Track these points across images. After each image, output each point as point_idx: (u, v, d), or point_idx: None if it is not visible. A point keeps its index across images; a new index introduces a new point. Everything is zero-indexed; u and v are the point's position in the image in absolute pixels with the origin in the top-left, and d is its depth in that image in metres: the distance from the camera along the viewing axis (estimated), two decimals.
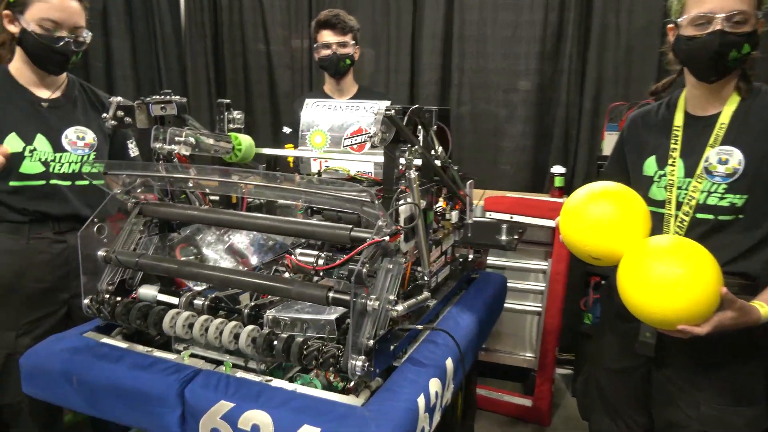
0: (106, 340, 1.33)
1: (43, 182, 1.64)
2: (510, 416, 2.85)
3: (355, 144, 1.64)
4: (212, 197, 1.59)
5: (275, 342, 1.13)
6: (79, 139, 1.70)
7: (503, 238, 2.09)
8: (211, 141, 1.48)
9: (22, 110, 1.64)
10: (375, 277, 1.12)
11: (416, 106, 1.24)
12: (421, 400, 1.14)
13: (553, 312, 2.74)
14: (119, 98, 1.33)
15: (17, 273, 1.63)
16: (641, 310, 1.20)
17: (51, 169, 1.65)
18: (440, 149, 1.40)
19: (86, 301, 1.33)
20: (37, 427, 1.66)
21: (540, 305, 2.80)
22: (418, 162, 1.48)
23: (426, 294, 1.39)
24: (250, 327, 1.18)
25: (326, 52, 2.49)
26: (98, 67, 3.38)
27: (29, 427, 1.66)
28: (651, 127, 1.53)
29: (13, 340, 1.61)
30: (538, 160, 3.35)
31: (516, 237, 2.09)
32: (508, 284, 2.79)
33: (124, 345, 1.30)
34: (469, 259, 1.85)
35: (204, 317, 1.22)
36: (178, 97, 1.38)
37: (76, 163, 1.68)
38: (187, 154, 1.41)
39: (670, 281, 1.14)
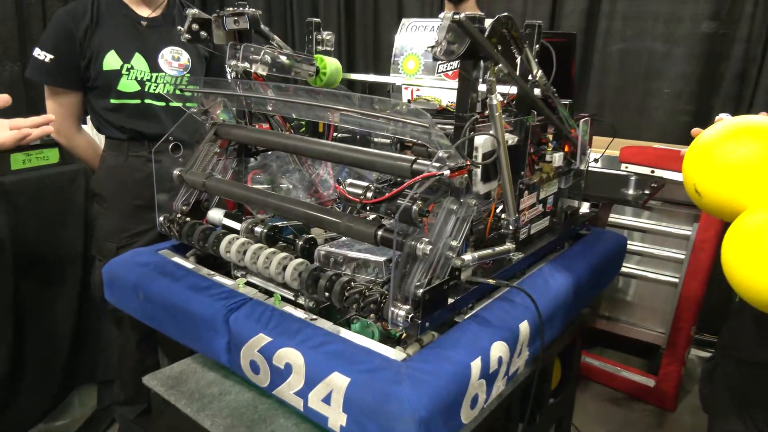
0: (176, 259, 1.34)
1: (138, 101, 1.69)
2: (627, 394, 2.55)
3: (450, 70, 1.44)
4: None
5: (321, 279, 1.04)
6: (174, 59, 1.72)
7: (630, 192, 1.78)
8: (290, 62, 1.38)
9: (122, 28, 1.68)
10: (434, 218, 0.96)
11: (505, 14, 1.01)
12: (476, 364, 0.98)
13: (693, 285, 2.34)
14: (195, 10, 1.28)
15: (118, 188, 1.72)
16: (747, 286, 0.86)
17: (146, 89, 1.69)
18: (539, 74, 1.15)
19: (160, 218, 1.35)
20: (138, 332, 1.79)
21: (678, 276, 2.40)
22: (511, 90, 1.25)
23: (508, 245, 1.20)
24: (298, 260, 1.09)
25: None
26: None
27: (130, 331, 1.79)
28: None
29: (114, 251, 1.72)
30: (700, 108, 2.82)
31: (647, 192, 1.77)
32: (642, 248, 2.45)
33: (190, 266, 1.30)
34: (580, 213, 1.58)
35: (257, 245, 1.16)
36: (252, 9, 1.29)
37: (170, 84, 1.70)
38: (264, 74, 1.33)
39: None
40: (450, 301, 1.04)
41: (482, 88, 1.05)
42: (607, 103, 3.01)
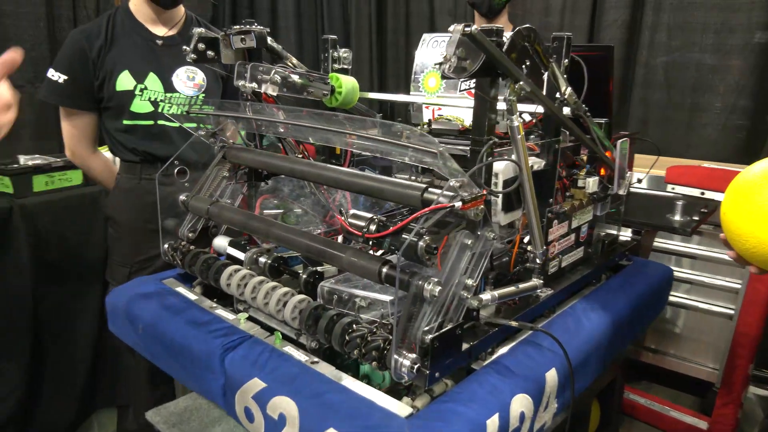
0: (180, 289, 1.27)
1: (151, 122, 1.64)
2: None
3: (473, 88, 1.33)
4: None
5: (321, 319, 0.94)
6: (189, 79, 1.67)
7: (677, 218, 1.62)
8: (303, 81, 1.31)
9: (137, 47, 1.64)
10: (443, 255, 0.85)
11: (527, 26, 0.90)
12: (492, 422, 0.86)
13: (750, 318, 2.13)
14: (201, 29, 1.22)
15: (131, 211, 1.68)
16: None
17: (160, 109, 1.64)
18: (568, 91, 1.03)
19: (165, 246, 1.28)
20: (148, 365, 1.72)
21: (733, 307, 2.19)
22: (539, 109, 1.14)
23: (535, 281, 1.08)
24: (299, 297, 1.00)
25: None
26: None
27: (143, 359, 1.73)
28: None
29: (126, 276, 1.67)
30: (755, 123, 2.61)
31: (696, 218, 1.61)
32: (692, 276, 2.25)
33: (193, 297, 1.23)
34: (619, 242, 1.44)
35: (259, 279, 1.08)
36: (260, 27, 1.22)
37: (184, 105, 1.65)
38: (274, 94, 1.26)
39: None
40: (465, 346, 0.93)
41: (503, 107, 0.95)
42: (652, 120, 2.84)
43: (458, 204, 0.82)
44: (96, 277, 2.08)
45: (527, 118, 1.32)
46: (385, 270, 0.87)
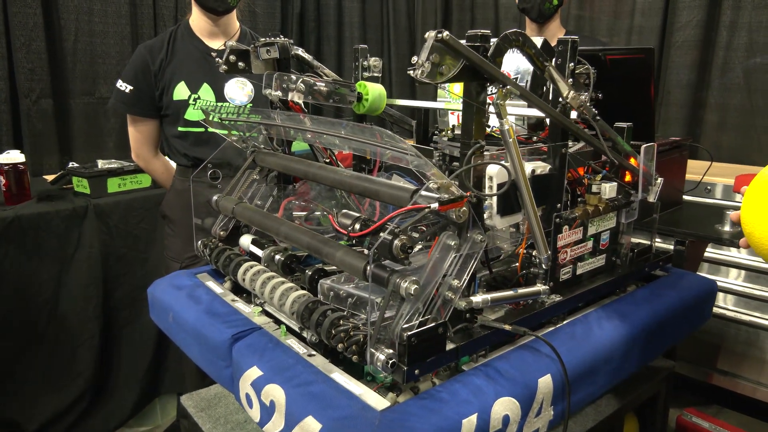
0: (210, 283, 1.36)
1: (202, 129, 1.78)
2: None
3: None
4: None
5: (314, 313, 0.99)
6: (239, 90, 1.79)
7: (726, 228, 1.52)
8: (329, 89, 1.37)
9: (193, 60, 1.79)
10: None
11: (514, 30, 0.90)
12: (469, 422, 0.86)
13: None
14: (232, 42, 1.32)
15: (184, 211, 1.82)
16: None
17: (210, 118, 1.76)
18: (571, 95, 1.01)
19: (198, 243, 1.38)
20: None
21: None
22: (532, 113, 1.13)
23: (537, 287, 1.07)
24: (300, 292, 1.06)
25: None
26: (321, 27, 3.53)
27: None
28: None
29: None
30: None
31: None
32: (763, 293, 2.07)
33: (219, 291, 1.32)
34: (653, 251, 1.37)
35: (268, 274, 1.14)
36: (284, 39, 1.30)
37: (233, 113, 1.77)
38: (300, 101, 1.33)
39: None
40: (451, 346, 0.94)
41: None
42: (729, 125, 2.64)
43: (435, 205, 0.84)
44: (160, 272, 2.26)
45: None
46: (369, 267, 0.90)
